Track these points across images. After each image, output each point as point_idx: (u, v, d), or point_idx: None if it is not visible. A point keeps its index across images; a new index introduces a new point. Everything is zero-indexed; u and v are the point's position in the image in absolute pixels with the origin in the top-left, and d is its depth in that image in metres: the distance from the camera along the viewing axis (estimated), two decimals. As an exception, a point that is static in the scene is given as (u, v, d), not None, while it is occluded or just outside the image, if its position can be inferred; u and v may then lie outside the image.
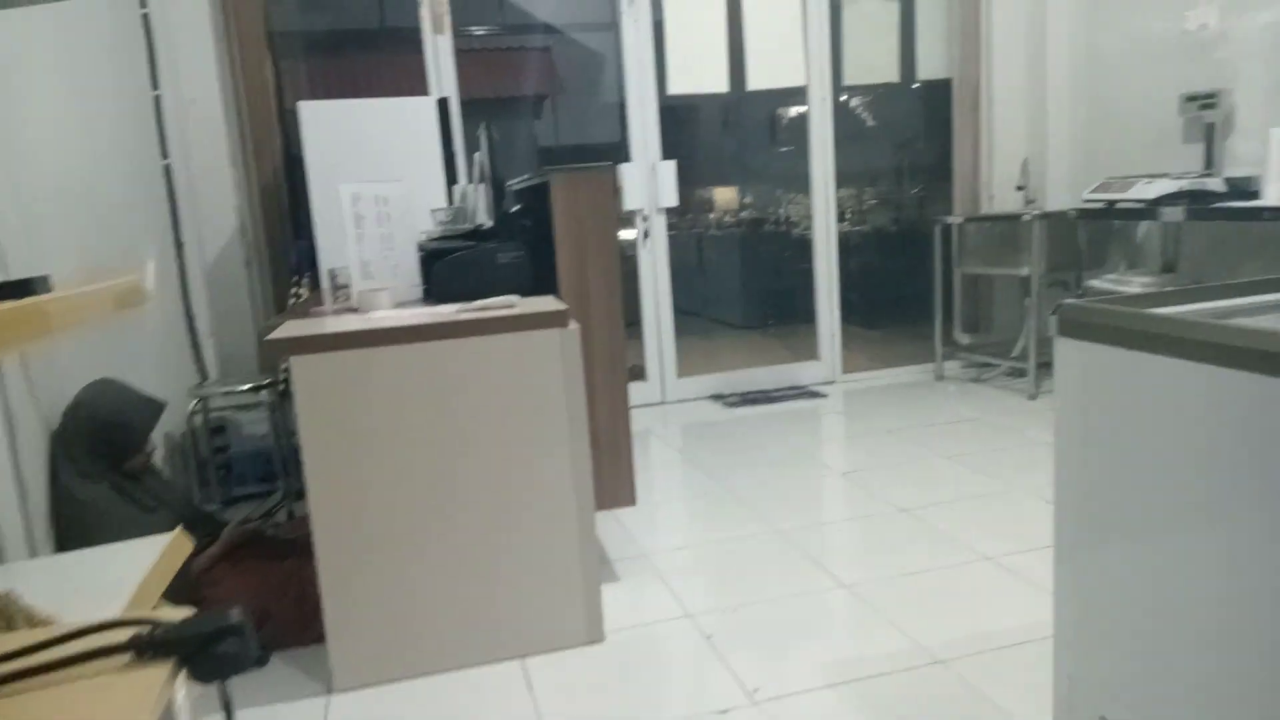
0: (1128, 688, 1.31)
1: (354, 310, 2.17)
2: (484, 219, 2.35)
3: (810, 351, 4.78)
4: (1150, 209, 3.51)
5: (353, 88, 4.36)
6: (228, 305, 3.77)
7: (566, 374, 1.96)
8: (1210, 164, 3.68)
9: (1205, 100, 3.65)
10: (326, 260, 3.05)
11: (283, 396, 3.21)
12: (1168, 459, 1.19)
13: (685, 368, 4.60)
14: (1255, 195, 3.31)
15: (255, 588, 2.19)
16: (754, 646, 2.05)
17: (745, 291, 5.95)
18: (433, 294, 2.19)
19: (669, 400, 4.57)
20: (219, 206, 3.73)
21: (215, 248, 3.75)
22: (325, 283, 2.40)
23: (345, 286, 2.26)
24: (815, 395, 4.51)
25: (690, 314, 5.32)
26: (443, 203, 3.04)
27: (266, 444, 3.33)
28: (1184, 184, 3.49)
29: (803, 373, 4.75)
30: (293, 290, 3.44)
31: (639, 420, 4.26)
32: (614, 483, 2.45)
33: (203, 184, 3.68)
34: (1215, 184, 3.48)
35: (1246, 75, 3.58)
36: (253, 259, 3.84)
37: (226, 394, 3.23)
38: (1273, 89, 3.49)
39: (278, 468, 3.29)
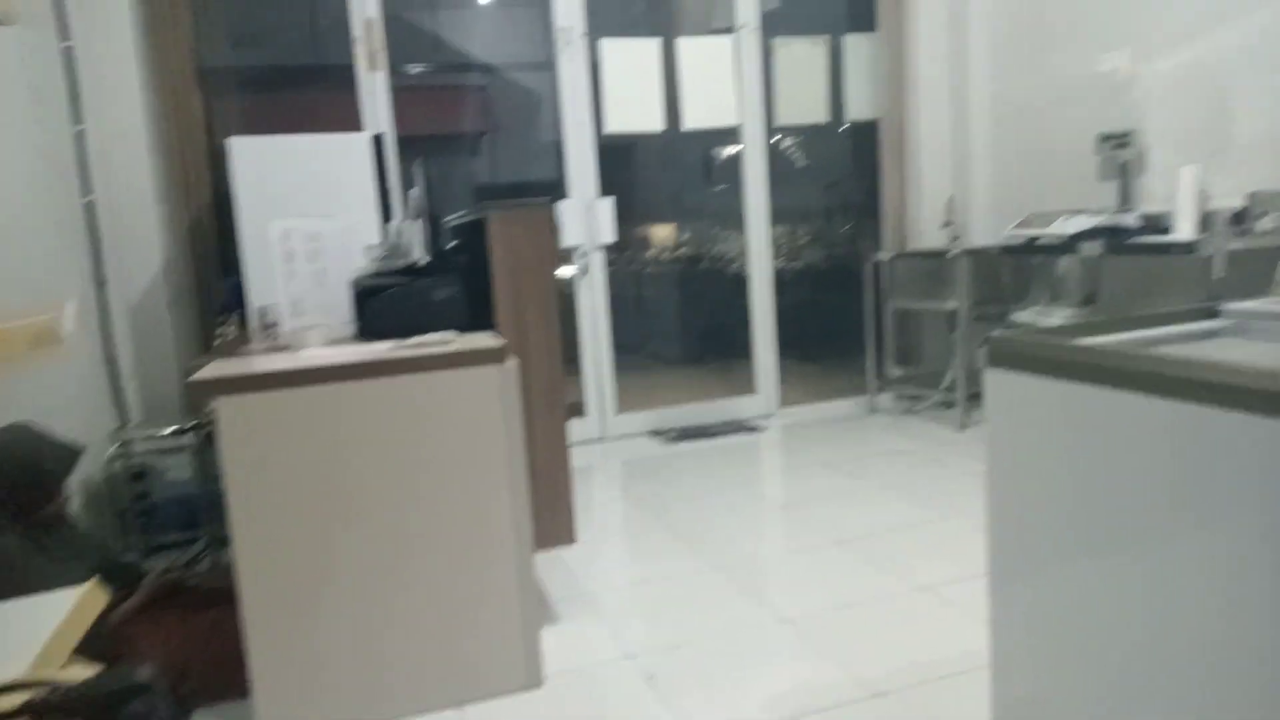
0: (1065, 712, 1.32)
1: (284, 349, 2.11)
2: (420, 255, 2.32)
3: (748, 386, 4.82)
4: (1070, 244, 3.64)
5: (286, 124, 4.29)
6: (152, 346, 3.65)
7: (505, 411, 1.93)
8: (1125, 201, 3.84)
9: (1119, 140, 3.82)
10: (256, 299, 2.98)
11: (208, 440, 3.11)
12: (1096, 484, 1.22)
13: (624, 404, 4.59)
14: (1168, 231, 3.46)
15: (177, 641, 2.10)
16: (697, 685, 2.02)
17: (683, 327, 5.99)
18: (366, 331, 2.15)
19: (609, 436, 4.55)
20: (144, 244, 3.62)
21: (140, 286, 3.63)
22: (254, 321, 2.34)
23: (275, 325, 2.20)
24: (753, 429, 4.54)
25: (629, 350, 5.32)
26: (377, 239, 3.00)
27: (190, 490, 3.21)
28: (1101, 220, 3.64)
29: (741, 407, 4.78)
30: (220, 330, 3.35)
31: (579, 457, 4.22)
32: (554, 521, 2.42)
33: (127, 221, 3.58)
34: (1130, 220, 3.64)
35: (1156, 117, 3.76)
36: (179, 298, 3.73)
37: (148, 438, 3.12)
38: (1180, 130, 3.67)
39: (202, 514, 3.17)
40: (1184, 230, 3.32)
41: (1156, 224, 3.63)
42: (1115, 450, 1.18)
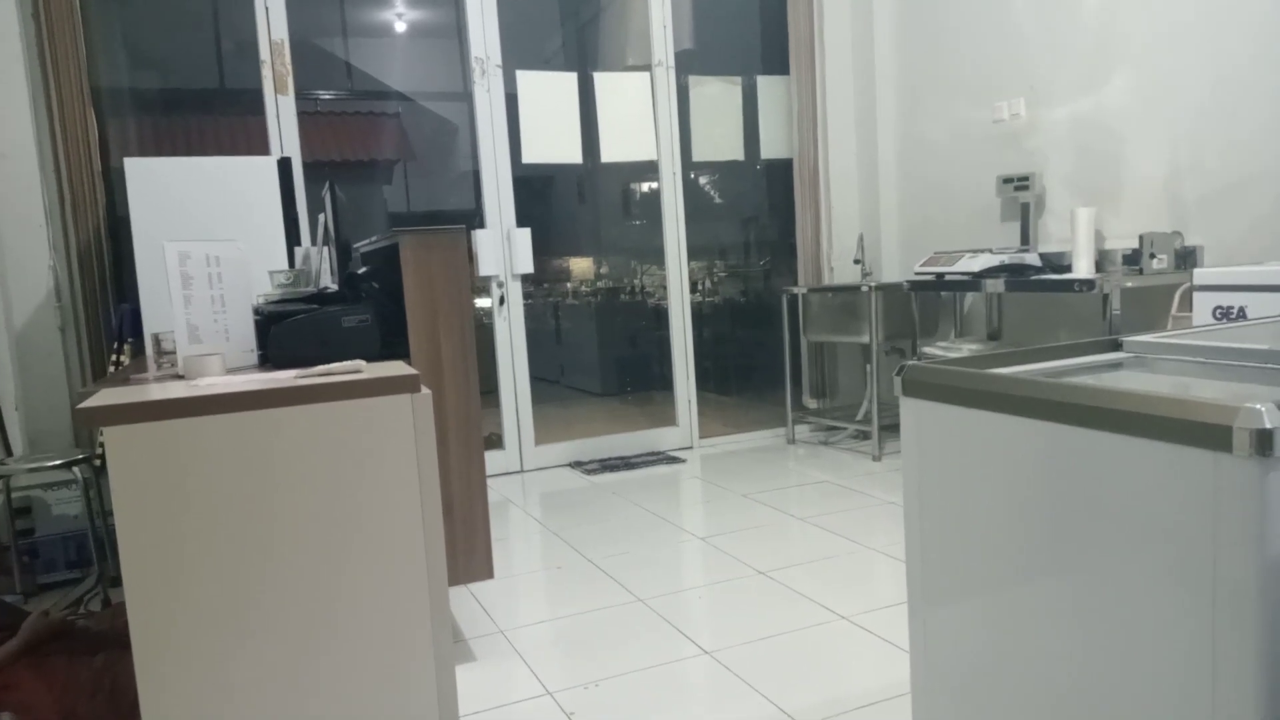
0: (981, 740, 1.33)
1: (180, 377, 2.01)
2: (328, 282, 2.24)
3: (668, 418, 4.82)
4: (975, 281, 3.77)
5: (188, 147, 4.15)
6: (39, 374, 3.44)
7: (418, 442, 1.87)
8: (1026, 240, 4.01)
9: (1019, 182, 3.99)
10: (152, 325, 2.84)
11: (99, 472, 2.93)
12: (1010, 511, 1.24)
13: (543, 435, 4.54)
14: (1067, 269, 3.61)
15: (59, 688, 1.95)
16: (615, 722, 1.98)
17: (603, 359, 5.96)
18: (270, 359, 2.06)
19: (527, 468, 4.48)
20: (31, 267, 3.43)
21: (25, 311, 3.43)
22: (149, 348, 2.22)
23: (171, 352, 2.09)
24: (674, 460, 4.53)
25: (548, 381, 5.28)
26: (284, 265, 2.90)
27: (80, 525, 3.02)
28: (1004, 258, 3.78)
29: (661, 438, 4.77)
30: (113, 357, 3.18)
31: (496, 489, 4.14)
32: (469, 556, 2.35)
33: (12, 242, 3.38)
34: (1032, 258, 3.79)
35: (1053, 161, 3.95)
36: (69, 323, 3.53)
37: (33, 470, 2.92)
38: (1073, 173, 3.85)
39: (93, 551, 2.99)
40: (1082, 269, 3.47)
41: (1056, 262, 3.79)
42: (1028, 477, 1.20)
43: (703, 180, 5.18)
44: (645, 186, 5.06)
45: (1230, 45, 3.18)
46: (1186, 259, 3.32)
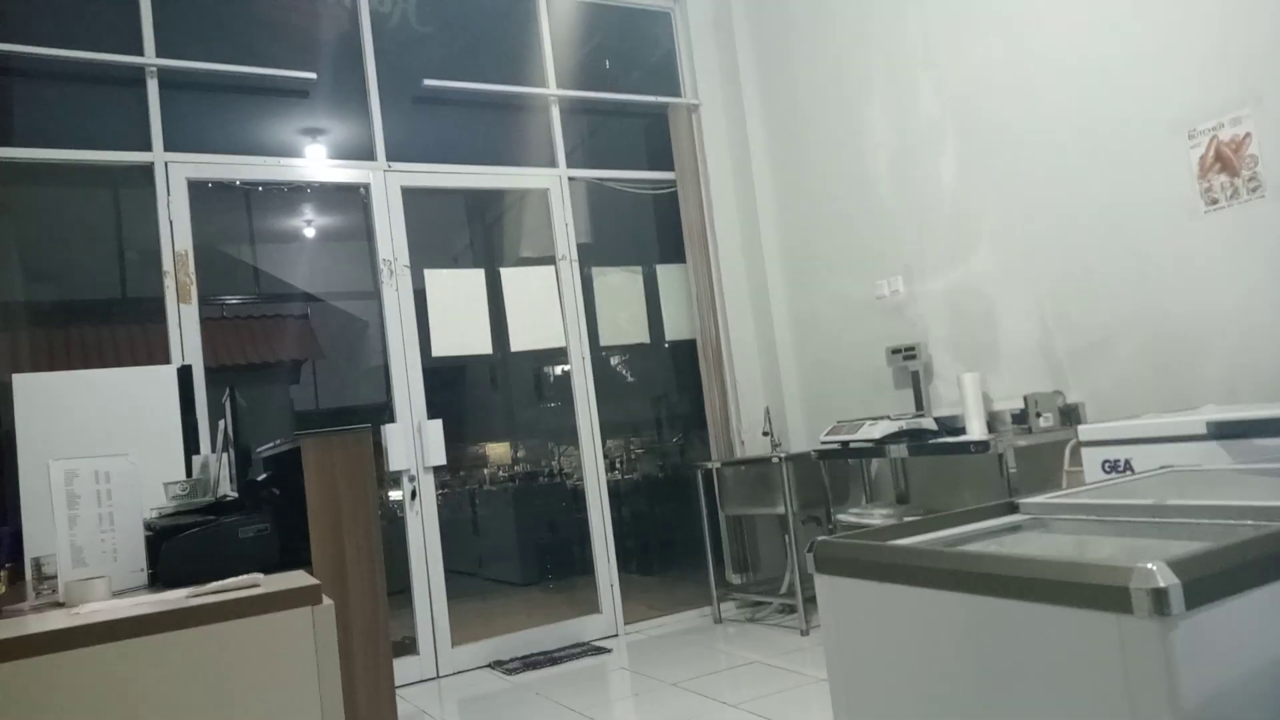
0: None
1: (60, 605, 1.87)
2: (227, 489, 2.16)
3: (591, 604, 4.68)
4: (878, 447, 3.88)
5: (85, 358, 4.05)
6: (-102, 611, 3.14)
7: (320, 657, 1.76)
8: (920, 405, 4.18)
9: (907, 352, 4.21)
10: (35, 548, 2.66)
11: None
12: (929, 681, 1.23)
13: (461, 634, 4.32)
14: (961, 431, 3.77)
15: None
16: None
17: (523, 546, 5.81)
18: (161, 578, 1.94)
19: (443, 673, 4.23)
20: (-100, 493, 3.21)
21: (-111, 542, 3.17)
22: (29, 574, 2.07)
23: (53, 577, 1.95)
24: (599, 651, 4.35)
25: (465, 574, 5.09)
26: (182, 474, 2.79)
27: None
28: (903, 424, 3.92)
29: (585, 628, 4.61)
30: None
31: (409, 700, 3.88)
32: (378, 780, 2.17)
33: (-119, 468, 3.18)
34: (928, 423, 3.94)
35: (935, 330, 4.19)
36: (-62, 552, 3.28)
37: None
38: (955, 341, 4.10)
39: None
40: (975, 430, 3.63)
41: (951, 425, 3.95)
42: (944, 646, 1.20)
43: (613, 361, 5.30)
44: (557, 369, 5.14)
45: (1077, 214, 3.51)
46: (1070, 415, 3.51)
